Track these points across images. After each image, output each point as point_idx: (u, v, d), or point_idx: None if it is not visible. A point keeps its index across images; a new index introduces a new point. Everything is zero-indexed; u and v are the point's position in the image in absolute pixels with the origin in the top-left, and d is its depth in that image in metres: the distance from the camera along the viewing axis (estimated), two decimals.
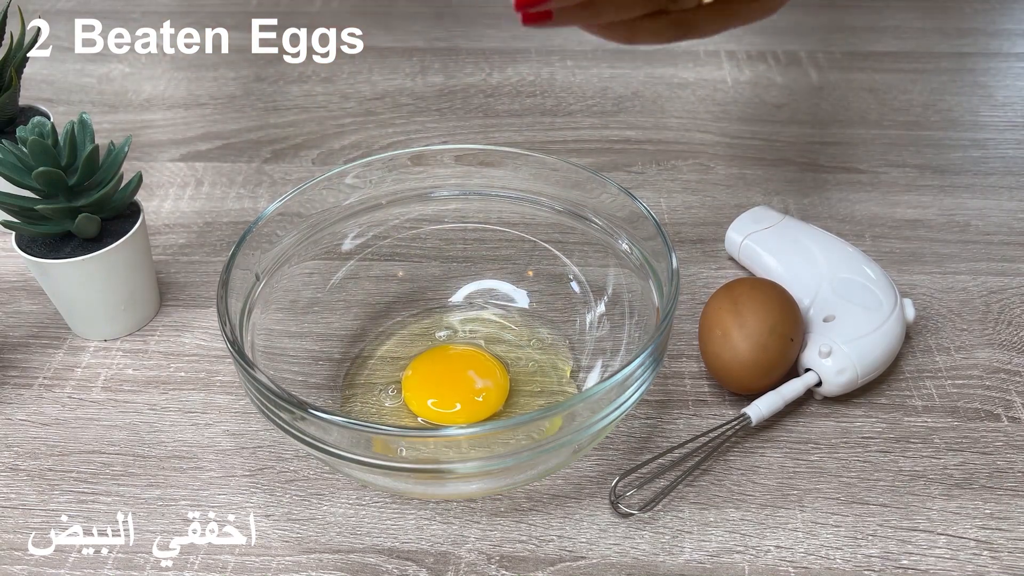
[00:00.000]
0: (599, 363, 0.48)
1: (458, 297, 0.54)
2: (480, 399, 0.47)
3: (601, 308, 0.51)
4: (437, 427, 0.42)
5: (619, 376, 0.38)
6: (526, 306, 0.53)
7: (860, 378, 0.46)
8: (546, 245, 0.52)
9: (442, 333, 0.52)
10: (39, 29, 0.52)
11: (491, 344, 0.51)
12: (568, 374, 0.49)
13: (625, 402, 0.39)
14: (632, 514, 0.42)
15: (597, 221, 0.50)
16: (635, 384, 0.40)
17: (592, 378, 0.48)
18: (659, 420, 0.47)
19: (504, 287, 0.54)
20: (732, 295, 0.47)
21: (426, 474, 0.39)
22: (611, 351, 0.48)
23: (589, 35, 0.40)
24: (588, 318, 0.51)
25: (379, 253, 0.53)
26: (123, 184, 0.50)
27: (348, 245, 0.52)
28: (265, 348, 0.45)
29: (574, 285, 0.52)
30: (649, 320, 0.45)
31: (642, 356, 0.38)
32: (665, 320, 0.40)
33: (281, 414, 0.38)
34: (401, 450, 0.39)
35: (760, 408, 0.45)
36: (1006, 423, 0.47)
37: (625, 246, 0.48)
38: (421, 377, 0.48)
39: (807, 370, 0.47)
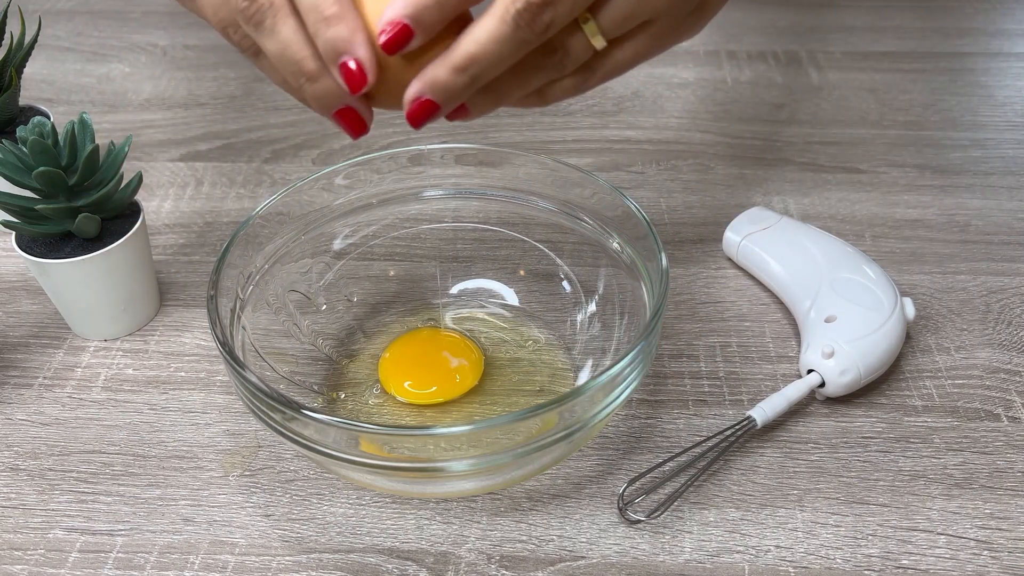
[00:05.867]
0: (590, 362, 0.48)
1: (451, 296, 0.54)
2: (457, 379, 0.48)
3: (592, 307, 0.51)
4: (428, 426, 0.43)
5: (607, 375, 0.38)
6: (519, 305, 0.53)
7: (863, 378, 0.46)
8: (539, 245, 0.52)
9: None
10: (39, 28, 0.52)
11: (483, 342, 0.51)
12: (561, 373, 0.49)
13: (614, 400, 0.39)
14: (641, 520, 0.42)
15: (589, 221, 0.50)
16: (624, 383, 0.40)
17: (583, 377, 0.48)
18: (659, 420, 0.47)
19: (497, 287, 0.54)
20: None
21: (417, 472, 0.39)
22: (603, 350, 0.48)
23: None
24: (579, 317, 0.51)
25: (373, 252, 0.53)
26: (123, 184, 0.50)
27: (341, 244, 0.52)
28: (258, 348, 0.45)
29: (565, 284, 0.52)
30: (640, 319, 0.45)
31: (631, 355, 0.38)
32: (654, 319, 0.40)
33: (272, 415, 0.38)
34: (391, 449, 0.39)
35: (765, 411, 0.45)
36: (1006, 423, 0.47)
37: (616, 245, 0.48)
38: (397, 360, 0.49)
39: (810, 371, 0.47)
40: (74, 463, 0.46)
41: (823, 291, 0.50)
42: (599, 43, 0.34)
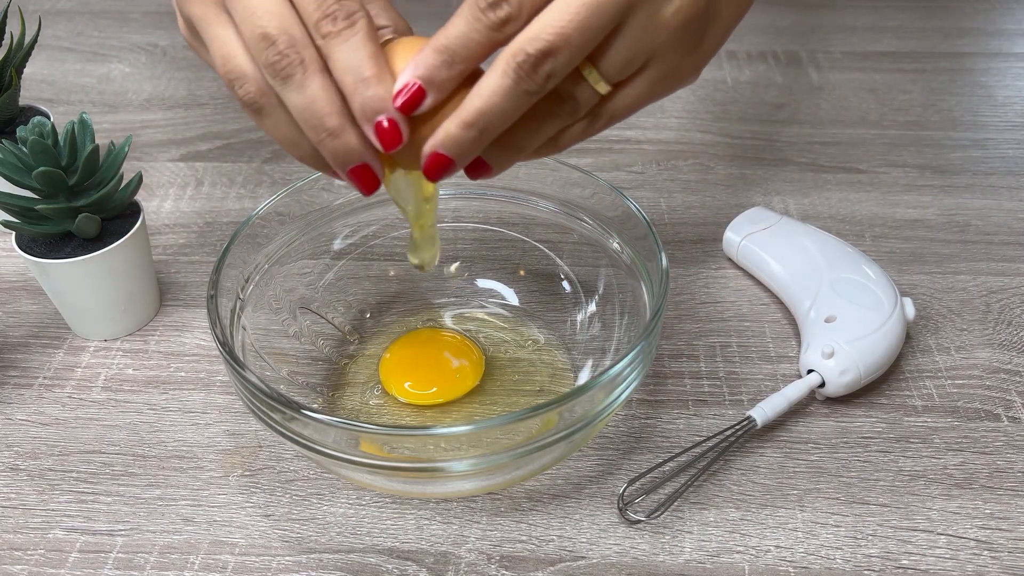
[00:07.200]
0: (590, 362, 0.48)
1: (452, 296, 0.54)
2: (456, 377, 0.48)
3: (592, 307, 0.51)
4: (428, 426, 0.43)
5: (607, 375, 0.38)
6: (519, 305, 0.53)
7: (863, 378, 0.46)
8: (539, 245, 0.52)
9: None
10: (39, 28, 0.52)
11: (483, 342, 0.51)
12: (561, 373, 0.49)
13: (614, 400, 0.39)
14: (641, 520, 0.42)
15: (589, 221, 0.50)
16: (624, 383, 0.40)
17: (583, 377, 0.48)
18: (659, 420, 0.47)
19: (497, 287, 0.54)
20: None
21: (417, 473, 0.38)
22: (603, 350, 0.48)
23: None
24: (579, 317, 0.51)
25: (373, 252, 0.53)
26: (123, 184, 0.50)
27: (341, 244, 0.52)
28: (258, 348, 0.45)
29: (565, 284, 0.52)
30: (640, 319, 0.45)
31: (631, 355, 0.38)
32: (654, 319, 0.40)
33: (272, 415, 0.38)
34: (391, 449, 0.39)
35: (765, 411, 0.45)
36: (1006, 423, 0.47)
37: (616, 245, 0.48)
38: (397, 360, 0.49)
39: (810, 371, 0.47)
40: (74, 463, 0.46)
41: (823, 291, 0.50)
42: (603, 88, 0.35)
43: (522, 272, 0.53)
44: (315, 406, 0.46)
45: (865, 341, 0.46)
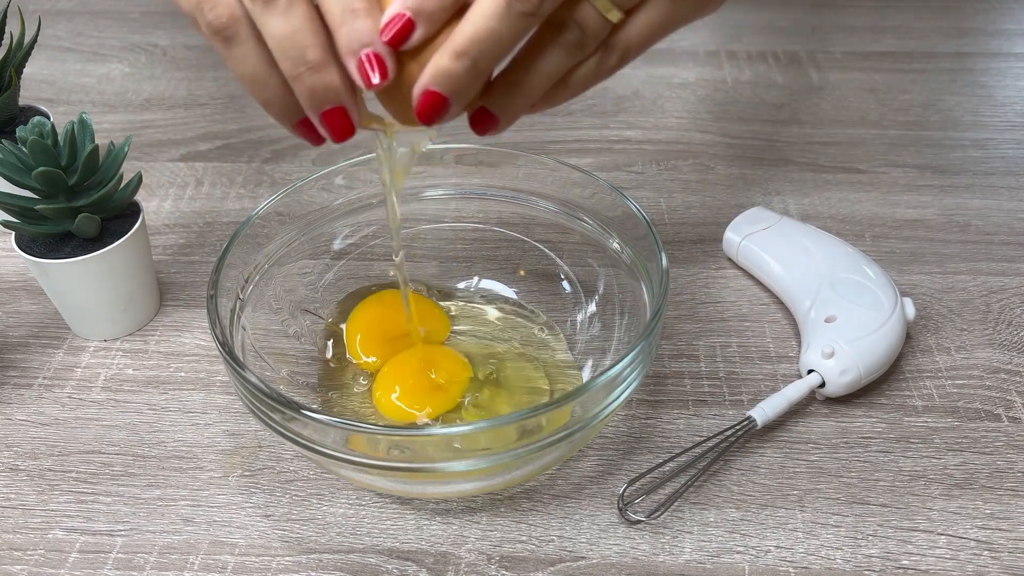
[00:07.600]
0: (590, 362, 0.48)
1: (452, 296, 0.54)
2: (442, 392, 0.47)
3: (592, 307, 0.51)
4: (428, 427, 0.42)
5: (607, 375, 0.38)
6: (520, 306, 0.53)
7: (863, 378, 0.46)
8: (539, 245, 0.52)
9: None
10: (39, 28, 0.52)
11: (483, 342, 0.51)
12: (561, 373, 0.49)
13: (614, 400, 0.39)
14: (641, 521, 0.42)
15: (589, 221, 0.50)
16: (624, 383, 0.40)
17: (583, 377, 0.48)
18: (659, 420, 0.47)
19: (497, 287, 0.54)
20: None
21: (417, 473, 0.38)
22: (603, 350, 0.48)
23: None
24: (579, 317, 0.51)
25: (373, 252, 0.53)
26: (123, 184, 0.50)
27: (341, 244, 0.52)
28: (258, 348, 0.45)
29: (565, 284, 0.52)
30: (640, 319, 0.45)
31: (631, 355, 0.38)
32: (654, 319, 0.40)
33: (272, 415, 0.38)
34: (389, 449, 0.39)
35: (765, 411, 0.45)
36: (1006, 423, 0.47)
37: (616, 245, 0.48)
38: (389, 385, 0.48)
39: (810, 371, 0.47)
40: (74, 463, 0.46)
41: (823, 291, 0.50)
42: (614, 16, 0.32)
43: (522, 272, 0.53)
44: (315, 406, 0.46)
45: (865, 341, 0.46)
